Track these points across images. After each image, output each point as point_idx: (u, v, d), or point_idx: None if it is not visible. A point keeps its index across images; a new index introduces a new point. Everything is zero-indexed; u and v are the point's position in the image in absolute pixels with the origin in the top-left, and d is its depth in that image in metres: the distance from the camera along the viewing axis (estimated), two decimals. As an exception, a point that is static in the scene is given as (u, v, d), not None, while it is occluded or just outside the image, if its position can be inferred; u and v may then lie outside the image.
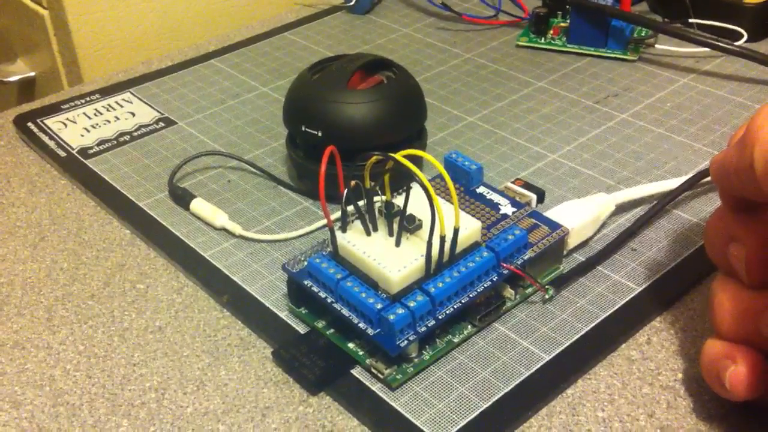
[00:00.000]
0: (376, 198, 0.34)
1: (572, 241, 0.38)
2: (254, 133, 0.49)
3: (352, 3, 0.64)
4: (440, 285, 0.32)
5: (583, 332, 0.34)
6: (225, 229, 0.41)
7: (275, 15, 0.66)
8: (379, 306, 0.31)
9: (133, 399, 0.33)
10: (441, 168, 0.31)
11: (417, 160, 0.32)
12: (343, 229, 0.34)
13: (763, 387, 0.28)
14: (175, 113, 0.52)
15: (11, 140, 0.51)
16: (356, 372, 0.33)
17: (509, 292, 0.35)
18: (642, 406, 0.31)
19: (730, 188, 0.29)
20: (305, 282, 0.34)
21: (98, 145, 0.49)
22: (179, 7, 0.67)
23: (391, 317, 0.30)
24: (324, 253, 0.34)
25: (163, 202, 0.43)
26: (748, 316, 0.29)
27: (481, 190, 0.38)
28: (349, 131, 0.40)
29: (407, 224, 0.33)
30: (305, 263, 0.35)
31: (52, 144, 0.49)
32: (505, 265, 0.34)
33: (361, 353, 0.33)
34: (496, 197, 0.38)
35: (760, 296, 0.29)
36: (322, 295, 0.33)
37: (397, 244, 0.33)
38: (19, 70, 0.73)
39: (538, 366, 0.33)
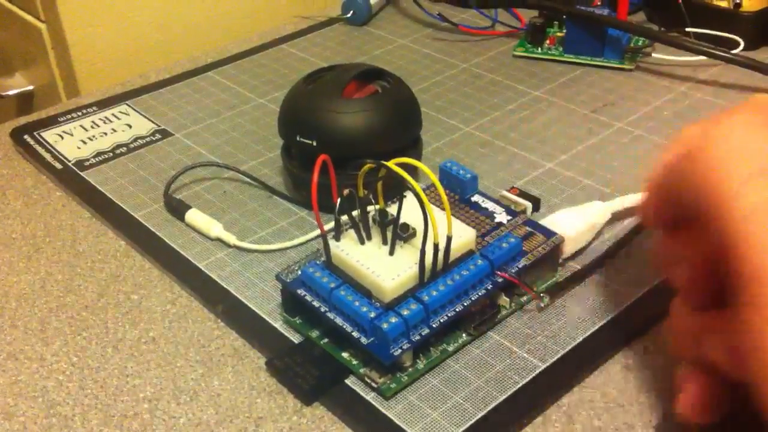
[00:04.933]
0: (369, 207, 0.34)
1: (568, 250, 0.37)
2: (250, 144, 0.49)
3: (349, 15, 0.64)
4: (434, 293, 0.32)
5: (578, 340, 0.34)
6: (220, 240, 0.41)
7: (273, 27, 0.66)
8: (373, 315, 0.31)
9: (126, 410, 0.32)
10: (432, 176, 0.31)
11: (411, 169, 0.32)
12: (337, 238, 0.34)
13: (713, 411, 0.28)
14: (171, 125, 0.52)
15: (8, 153, 0.51)
16: (350, 381, 0.33)
17: (504, 300, 0.35)
18: (638, 415, 0.31)
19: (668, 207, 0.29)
20: (299, 291, 0.34)
21: (95, 157, 0.49)
22: (176, 20, 0.68)
23: (385, 326, 0.30)
24: (318, 262, 0.34)
25: (159, 213, 0.43)
26: (691, 338, 0.28)
27: (476, 198, 0.38)
28: (344, 140, 0.40)
29: (401, 233, 0.33)
30: (299, 272, 0.35)
31: (48, 156, 0.49)
32: (499, 273, 0.34)
33: (355, 362, 0.33)
34: (491, 205, 0.38)
35: (700, 317, 0.28)
36: (316, 304, 0.33)
37: (391, 252, 0.33)
38: (17, 84, 0.73)
39: (534, 375, 0.32)
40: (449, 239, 0.32)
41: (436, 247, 0.32)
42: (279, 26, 0.66)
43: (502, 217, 0.37)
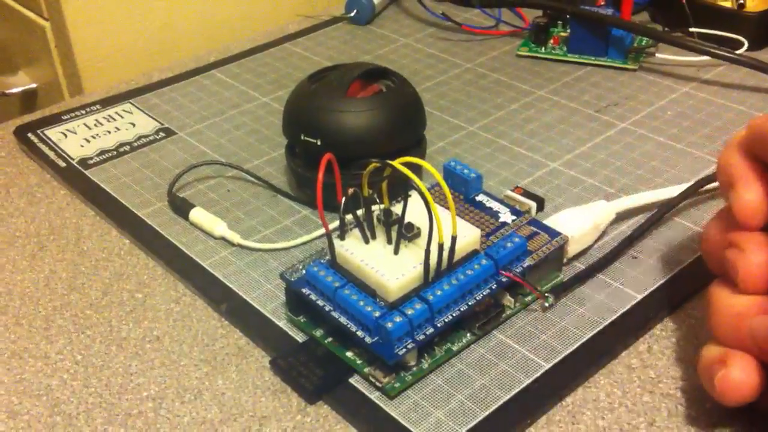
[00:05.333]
0: (374, 206, 0.34)
1: (572, 249, 0.37)
2: (254, 143, 0.49)
3: (352, 14, 0.64)
4: (439, 293, 0.32)
5: (583, 340, 0.34)
6: (224, 238, 0.41)
7: (276, 26, 0.66)
8: (377, 314, 0.31)
9: (131, 408, 0.33)
10: (438, 175, 0.31)
11: (416, 169, 0.32)
12: (342, 237, 0.34)
13: (755, 392, 0.28)
14: (175, 123, 0.52)
15: (12, 151, 0.51)
16: (354, 380, 0.33)
17: (509, 300, 0.35)
18: (642, 415, 0.31)
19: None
20: (303, 290, 0.34)
21: (98, 155, 0.49)
22: (180, 18, 0.68)
23: (389, 325, 0.30)
24: (322, 261, 0.34)
25: (163, 211, 0.43)
26: (741, 320, 0.28)
27: (481, 198, 0.38)
28: (348, 140, 0.40)
29: (405, 232, 0.33)
30: (303, 272, 0.35)
31: (52, 154, 0.49)
32: (504, 272, 0.34)
33: (359, 362, 0.33)
34: (495, 205, 0.38)
35: (753, 301, 0.28)
36: (320, 303, 0.33)
37: (396, 252, 0.33)
38: (20, 82, 0.73)
39: (538, 374, 0.32)
40: (454, 239, 0.32)
41: (440, 246, 0.32)
42: (282, 25, 0.66)
43: (506, 216, 0.37)
